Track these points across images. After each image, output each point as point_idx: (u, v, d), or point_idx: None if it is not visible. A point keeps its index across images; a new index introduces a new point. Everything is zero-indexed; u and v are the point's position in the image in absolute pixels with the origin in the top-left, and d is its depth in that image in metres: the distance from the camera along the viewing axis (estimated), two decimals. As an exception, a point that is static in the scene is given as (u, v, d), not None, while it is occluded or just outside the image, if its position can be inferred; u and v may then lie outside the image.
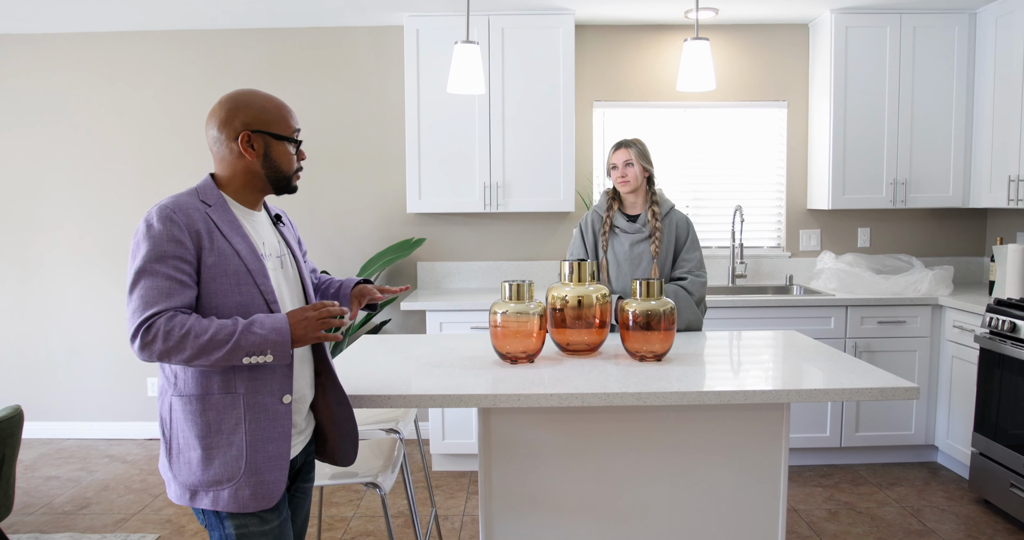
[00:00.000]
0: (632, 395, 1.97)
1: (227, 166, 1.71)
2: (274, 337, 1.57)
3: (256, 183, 1.73)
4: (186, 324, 1.53)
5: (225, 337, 1.54)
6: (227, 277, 1.62)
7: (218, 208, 1.67)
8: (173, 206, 1.61)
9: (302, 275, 1.85)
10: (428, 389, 2.03)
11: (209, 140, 1.71)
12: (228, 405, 1.62)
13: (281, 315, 1.62)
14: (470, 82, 2.71)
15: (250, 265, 1.65)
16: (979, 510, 3.42)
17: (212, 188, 1.70)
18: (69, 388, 4.61)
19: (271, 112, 1.70)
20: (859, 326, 3.89)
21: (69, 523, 3.38)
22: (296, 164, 1.76)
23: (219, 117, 1.69)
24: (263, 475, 1.64)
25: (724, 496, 2.21)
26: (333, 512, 3.47)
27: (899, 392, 2.01)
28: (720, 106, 4.47)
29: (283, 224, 1.88)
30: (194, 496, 1.64)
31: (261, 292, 1.66)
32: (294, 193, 1.80)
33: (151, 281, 1.55)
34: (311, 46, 4.43)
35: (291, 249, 1.85)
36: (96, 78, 4.44)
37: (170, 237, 1.57)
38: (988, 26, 3.95)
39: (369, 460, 2.38)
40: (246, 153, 1.68)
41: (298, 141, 1.75)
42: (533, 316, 2.27)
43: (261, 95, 1.72)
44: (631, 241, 2.89)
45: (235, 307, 1.63)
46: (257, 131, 1.68)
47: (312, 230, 4.51)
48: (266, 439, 1.65)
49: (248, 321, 1.57)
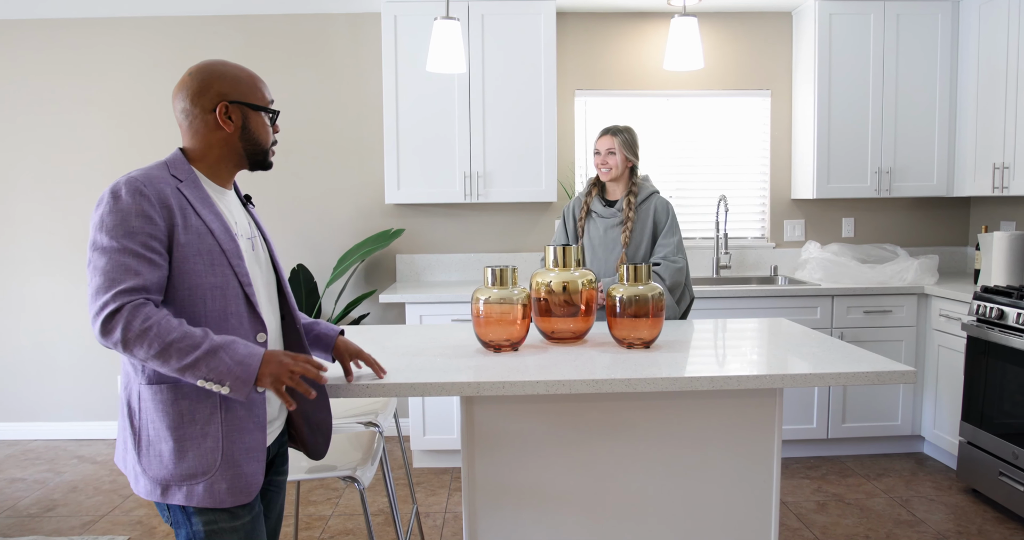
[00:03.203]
0: (621, 381, 1.90)
1: (200, 140, 1.61)
2: (238, 371, 1.44)
3: (232, 158, 1.63)
4: (151, 318, 1.41)
5: (188, 347, 1.42)
6: (200, 257, 1.51)
7: (190, 184, 1.56)
8: (144, 179, 1.49)
9: (274, 260, 1.75)
10: (408, 378, 1.94)
11: (179, 114, 1.60)
12: (202, 393, 1.52)
13: (259, 349, 1.49)
14: (450, 60, 2.62)
15: (224, 245, 1.55)
16: (967, 499, 3.39)
17: (183, 163, 1.59)
18: (37, 387, 4.46)
19: (246, 82, 1.61)
20: (845, 316, 3.85)
21: (34, 526, 3.24)
22: (272, 137, 1.67)
23: (191, 88, 1.58)
24: (240, 467, 1.54)
25: (716, 486, 2.14)
26: (311, 510, 3.37)
27: (895, 376, 1.95)
28: (703, 95, 4.41)
29: (252, 206, 1.79)
30: (166, 491, 1.52)
31: (236, 274, 1.56)
32: (269, 169, 1.71)
33: (118, 257, 1.43)
34: (288, 33, 4.32)
35: (262, 232, 1.75)
36: (65, 66, 4.30)
37: (139, 211, 1.45)
38: (971, 13, 3.93)
39: (347, 453, 2.29)
40: (224, 125, 1.58)
41: (275, 111, 1.66)
42: (517, 302, 2.18)
43: (233, 65, 1.63)
44: (606, 225, 2.89)
45: (208, 288, 1.52)
46: (235, 102, 1.59)
47: (288, 221, 4.39)
48: (242, 429, 1.55)
49: (220, 342, 1.45)
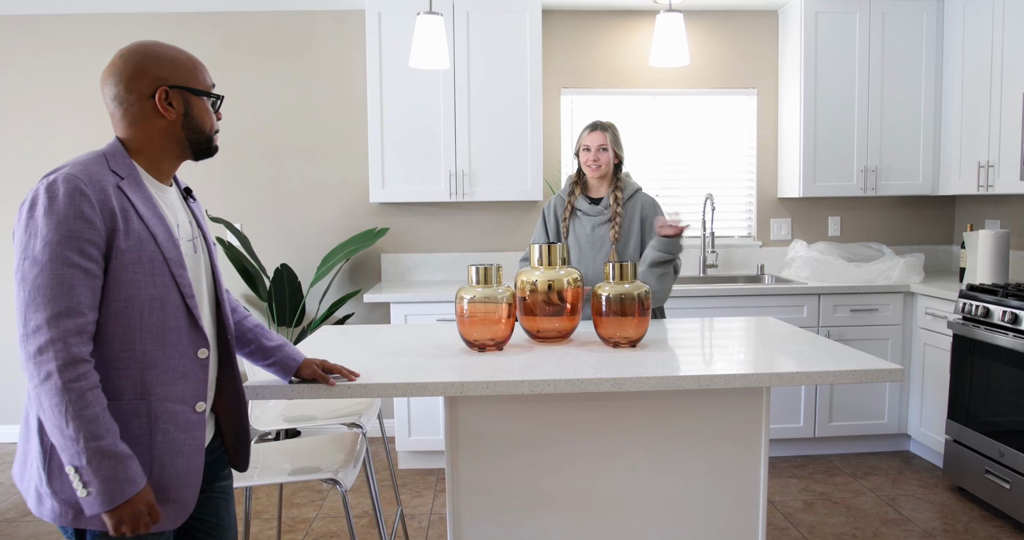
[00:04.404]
0: (607, 381, 1.87)
1: (138, 129, 1.46)
2: (107, 489, 1.30)
3: (173, 148, 1.50)
4: (81, 381, 1.29)
5: (91, 433, 1.28)
6: (140, 266, 1.39)
7: (131, 181, 1.42)
8: (84, 176, 1.35)
9: (213, 262, 1.61)
10: (391, 378, 1.91)
11: (110, 101, 1.46)
12: (130, 413, 1.39)
13: (140, 482, 1.34)
14: (434, 56, 2.58)
15: (167, 253, 1.43)
16: (954, 498, 3.39)
17: (124, 156, 1.45)
18: (8, 388, 4.39)
19: (185, 65, 1.49)
20: (832, 314, 3.84)
21: (11, 532, 3.17)
22: (215, 124, 1.55)
23: (124, 73, 1.44)
24: (169, 494, 1.43)
25: (703, 486, 2.12)
26: (295, 513, 3.32)
27: (882, 374, 1.94)
28: (689, 93, 4.40)
29: (193, 199, 1.63)
30: (79, 516, 1.37)
31: (178, 285, 1.44)
32: (213, 156, 1.59)
33: (53, 269, 1.30)
34: (270, 30, 4.27)
35: (203, 230, 1.61)
36: (40, 63, 4.22)
37: (78, 214, 1.32)
38: (956, 12, 3.93)
39: (330, 454, 2.25)
40: (165, 112, 1.45)
41: (217, 96, 1.55)
42: (502, 301, 2.15)
43: (170, 46, 1.49)
44: (592, 224, 2.81)
45: (147, 300, 1.40)
46: (175, 86, 1.46)
47: (271, 220, 4.34)
48: (176, 453, 1.43)
49: (119, 451, 1.32)
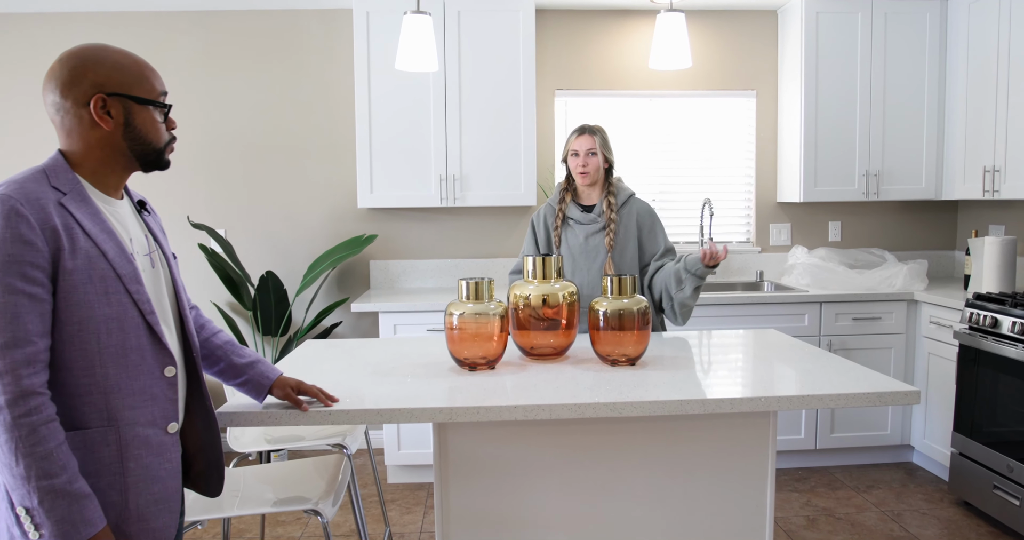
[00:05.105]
0: (606, 405, 1.75)
1: (78, 140, 1.37)
2: (60, 530, 1.23)
3: (118, 160, 1.40)
4: (34, 415, 1.23)
5: (44, 470, 1.22)
6: (92, 285, 1.31)
7: (75, 196, 1.34)
8: (20, 196, 1.27)
9: (174, 277, 1.53)
10: (376, 402, 1.78)
11: (49, 108, 1.37)
12: (98, 441, 1.32)
13: (99, 524, 1.27)
14: (421, 58, 2.46)
15: (120, 269, 1.35)
16: (960, 513, 3.29)
17: (66, 170, 1.36)
18: None
19: (129, 70, 1.38)
20: (834, 323, 3.74)
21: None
22: (167, 134, 1.44)
23: (61, 78, 1.35)
24: (148, 522, 1.36)
25: (706, 511, 2.01)
26: (279, 532, 3.20)
27: (898, 397, 1.82)
28: (687, 95, 4.29)
29: (148, 212, 1.54)
30: None
31: (135, 302, 1.36)
32: (166, 169, 1.48)
33: None
34: (255, 30, 4.13)
35: (160, 244, 1.52)
36: (13, 64, 4.08)
37: (16, 237, 1.24)
38: (960, 13, 3.83)
39: (312, 480, 2.13)
40: (101, 122, 1.36)
41: (166, 105, 1.44)
42: (494, 317, 2.04)
43: (115, 49, 1.39)
44: (586, 233, 2.67)
45: (103, 321, 1.32)
46: (113, 94, 1.36)
47: (257, 226, 4.21)
48: (152, 478, 1.37)
49: (75, 490, 1.25)
